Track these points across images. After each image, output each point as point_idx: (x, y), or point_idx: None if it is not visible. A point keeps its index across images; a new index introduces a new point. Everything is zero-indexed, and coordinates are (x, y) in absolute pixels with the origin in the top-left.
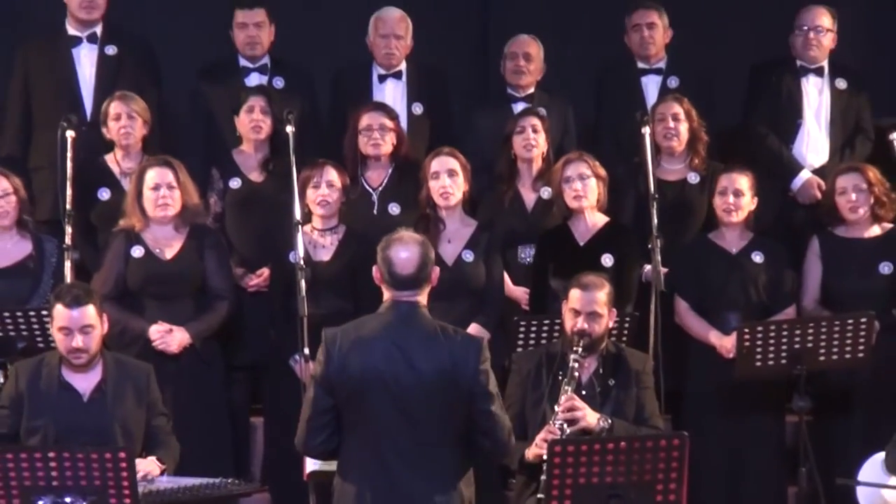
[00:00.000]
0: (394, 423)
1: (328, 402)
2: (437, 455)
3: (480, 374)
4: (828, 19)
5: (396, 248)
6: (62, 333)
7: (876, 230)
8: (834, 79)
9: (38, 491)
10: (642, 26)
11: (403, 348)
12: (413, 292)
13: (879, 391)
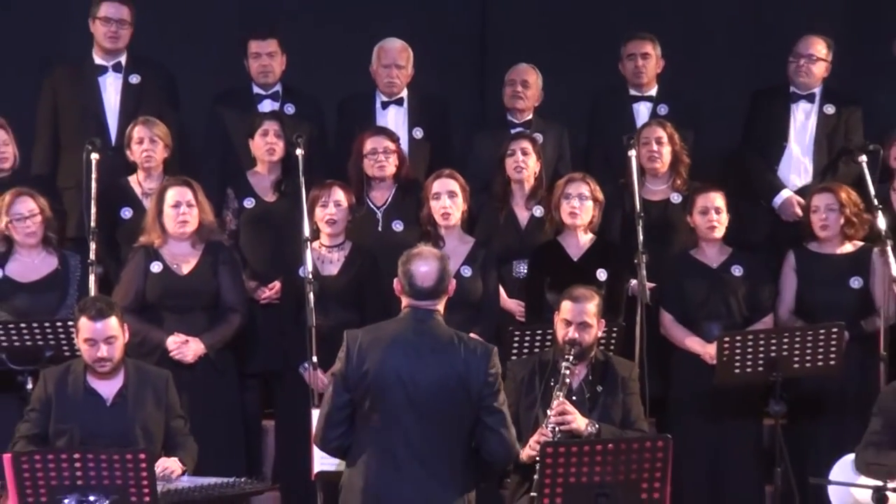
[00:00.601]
0: (406, 421)
1: (346, 399)
2: (445, 453)
3: (490, 377)
4: (822, 48)
5: (417, 262)
6: (87, 344)
7: (848, 247)
8: (823, 104)
9: (64, 490)
10: (637, 55)
11: (420, 351)
12: (432, 302)
13: (848, 396)
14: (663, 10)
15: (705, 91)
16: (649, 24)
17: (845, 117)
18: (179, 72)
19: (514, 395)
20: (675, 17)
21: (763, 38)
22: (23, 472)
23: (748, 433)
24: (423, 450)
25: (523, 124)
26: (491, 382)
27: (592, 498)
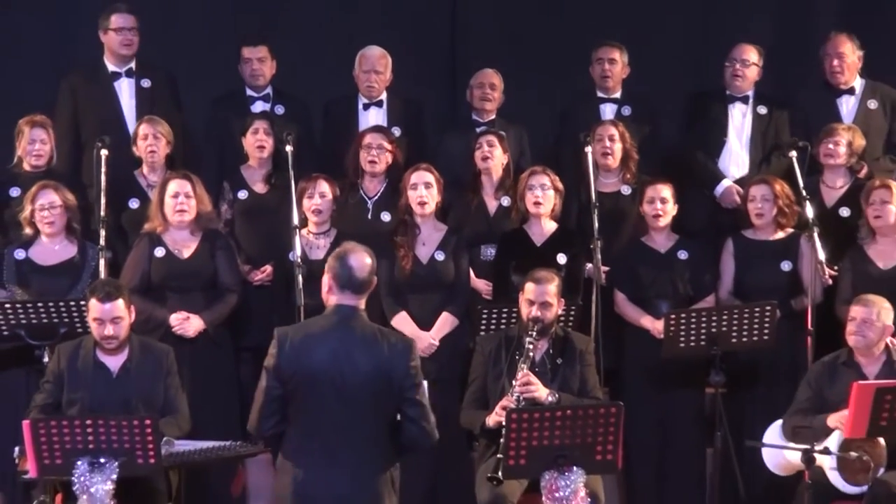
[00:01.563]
0: (334, 411)
1: (278, 392)
2: (370, 440)
3: (411, 370)
4: (754, 54)
5: (352, 256)
6: (96, 323)
7: (780, 234)
8: (756, 105)
9: (77, 453)
10: (605, 60)
11: (345, 346)
12: (357, 297)
13: (780, 368)
14: (619, 19)
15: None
16: (608, 33)
17: (775, 117)
18: (180, 76)
19: (482, 367)
20: (629, 25)
21: (701, 45)
22: (40, 437)
23: (691, 401)
24: (350, 437)
25: (488, 123)
26: (412, 375)
27: (552, 459)
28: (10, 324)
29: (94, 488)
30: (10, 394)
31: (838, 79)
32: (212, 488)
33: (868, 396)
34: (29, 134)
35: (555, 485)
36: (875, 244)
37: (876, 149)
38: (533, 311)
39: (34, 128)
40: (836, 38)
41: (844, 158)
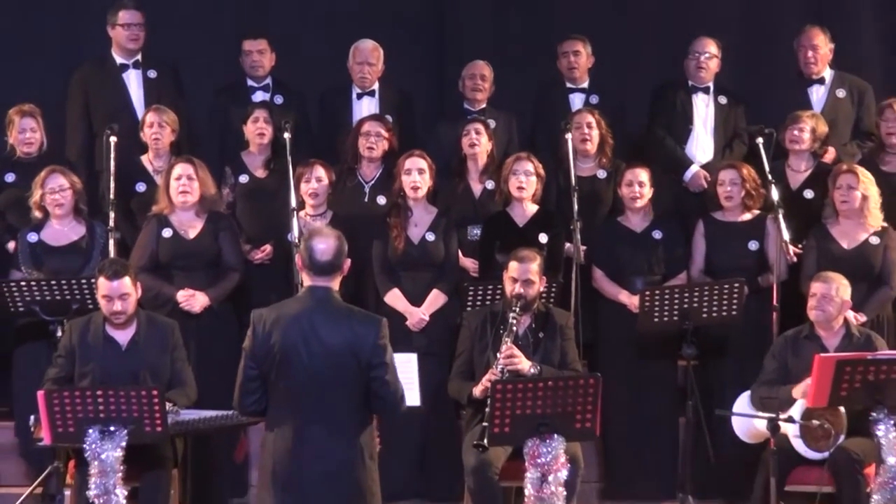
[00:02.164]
0: (307, 387)
1: (255, 371)
2: (342, 413)
3: (378, 347)
4: (714, 48)
5: (317, 239)
6: (105, 300)
7: (747, 216)
8: (717, 96)
9: (88, 421)
10: (570, 53)
11: (315, 326)
12: (328, 278)
13: (748, 341)
14: (595, 14)
15: (628, 82)
16: (584, 27)
17: (734, 107)
18: (185, 68)
19: (468, 341)
20: (603, 20)
21: (666, 38)
22: (54, 406)
23: (665, 372)
24: (322, 411)
25: (479, 112)
26: (379, 351)
27: (535, 427)
28: (26, 300)
29: (105, 455)
30: (32, 366)
31: (811, 69)
32: (216, 455)
33: (829, 368)
34: (19, 123)
35: (537, 451)
36: (838, 225)
37: (844, 135)
38: (516, 288)
39: (24, 117)
40: (810, 31)
41: (808, 144)
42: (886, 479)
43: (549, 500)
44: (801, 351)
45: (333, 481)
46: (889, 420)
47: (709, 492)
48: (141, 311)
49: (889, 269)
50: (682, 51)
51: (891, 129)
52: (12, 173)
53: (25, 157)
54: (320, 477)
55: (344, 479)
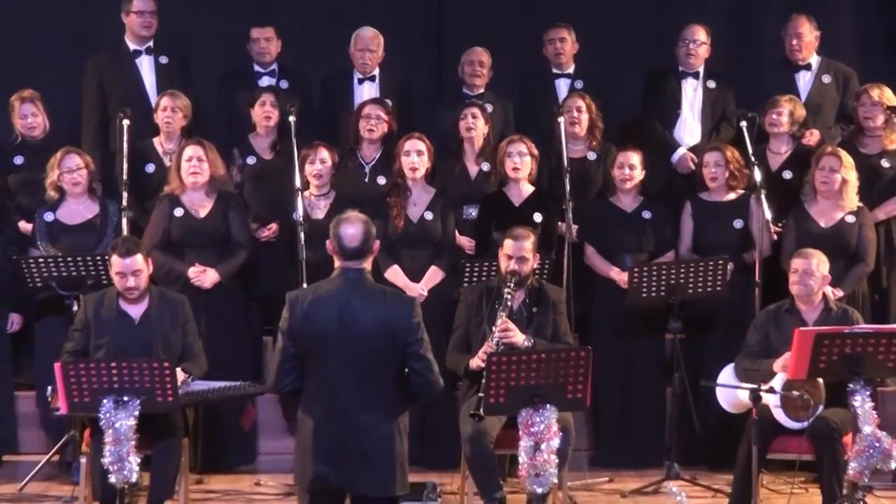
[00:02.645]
0: (344, 366)
1: (292, 351)
2: (378, 391)
3: (413, 325)
4: (703, 35)
5: (345, 226)
6: (118, 276)
7: (732, 196)
8: (707, 81)
9: (102, 392)
10: (555, 40)
11: (351, 306)
12: (358, 261)
13: (732, 316)
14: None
15: (611, 68)
16: (569, 16)
17: (723, 91)
18: (195, 54)
19: (465, 316)
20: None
21: (656, 26)
22: (70, 378)
23: (652, 345)
24: (358, 386)
25: (477, 97)
26: (414, 330)
27: (528, 397)
28: (43, 276)
29: (119, 424)
30: (50, 339)
31: (797, 56)
32: (225, 424)
33: (808, 341)
34: (20, 109)
35: (530, 420)
36: (816, 204)
37: (829, 119)
38: (511, 264)
39: (24, 103)
40: (797, 19)
41: (787, 127)
42: (863, 448)
43: (541, 467)
44: (782, 324)
45: (372, 456)
46: (865, 391)
47: (694, 460)
48: (153, 286)
49: (864, 247)
50: (665, 36)
51: (867, 113)
52: (21, 156)
53: (31, 140)
54: (360, 452)
55: (382, 454)
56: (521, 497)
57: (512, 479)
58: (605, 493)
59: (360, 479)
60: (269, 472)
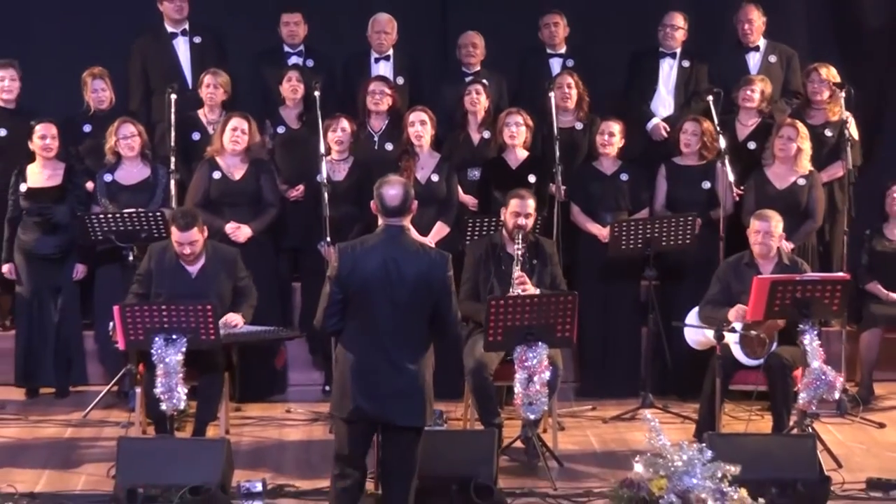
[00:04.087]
0: (384, 310)
1: (339, 296)
2: (411, 333)
3: (447, 278)
4: (681, 20)
5: (387, 187)
6: (177, 244)
7: (702, 161)
8: (682, 60)
9: (155, 331)
10: (550, 24)
11: (394, 258)
12: (399, 219)
13: (699, 265)
14: None
15: (599, 48)
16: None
17: (696, 69)
18: (232, 35)
19: (472, 269)
20: None
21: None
22: (126, 318)
23: (630, 291)
24: (396, 329)
25: (473, 74)
26: (447, 283)
27: (523, 336)
28: (104, 230)
29: (168, 358)
30: (109, 285)
31: (748, 39)
32: (260, 361)
33: (765, 288)
34: (91, 84)
35: (524, 356)
36: (773, 168)
37: (775, 93)
38: (519, 220)
39: (94, 79)
40: (747, 7)
41: (757, 103)
42: (811, 380)
43: (534, 397)
44: (741, 275)
45: (405, 390)
46: (813, 331)
47: (666, 390)
48: (208, 243)
49: (813, 206)
50: (648, 20)
51: (815, 89)
52: (89, 125)
53: (99, 111)
54: (395, 386)
55: (413, 388)
56: (516, 423)
57: (508, 407)
58: (589, 419)
59: (392, 411)
60: (297, 402)
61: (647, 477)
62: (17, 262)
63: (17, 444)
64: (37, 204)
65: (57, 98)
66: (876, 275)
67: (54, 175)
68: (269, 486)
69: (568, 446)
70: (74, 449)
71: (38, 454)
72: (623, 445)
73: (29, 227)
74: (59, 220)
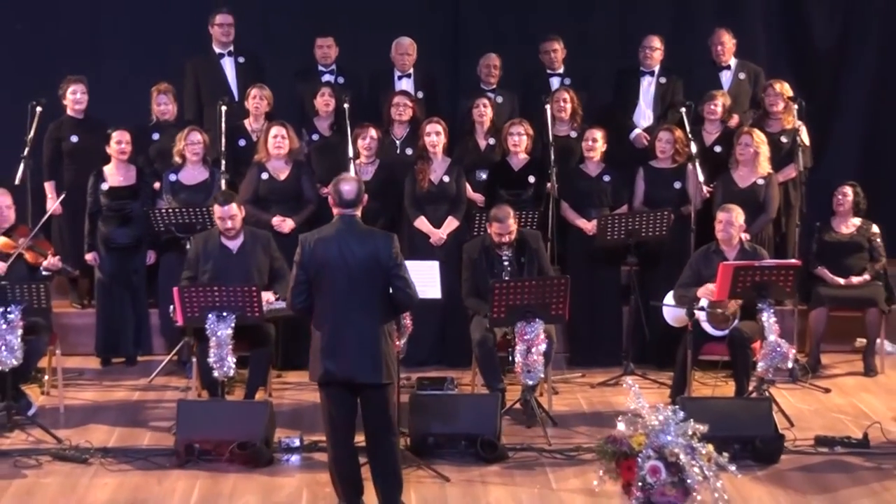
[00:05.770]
0: (343, 288)
1: (303, 277)
2: (368, 304)
3: (393, 254)
4: (658, 42)
5: (343, 183)
6: (219, 220)
7: (675, 164)
8: (659, 77)
9: (208, 309)
10: (549, 50)
11: (348, 242)
12: (352, 210)
13: (673, 253)
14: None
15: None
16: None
17: (672, 85)
18: (274, 56)
19: (470, 269)
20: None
21: (623, 36)
22: (184, 298)
23: (614, 275)
24: (354, 302)
25: (491, 91)
26: (394, 257)
27: (522, 313)
28: (166, 223)
29: (220, 332)
30: (171, 270)
31: (721, 59)
32: (298, 333)
33: (729, 272)
34: (156, 98)
35: (524, 331)
36: (737, 170)
37: (744, 105)
38: (502, 238)
39: (160, 94)
40: (719, 31)
41: (720, 114)
42: (767, 351)
43: (532, 365)
44: (709, 261)
45: (364, 349)
46: (770, 309)
47: (645, 360)
48: (246, 227)
49: (769, 202)
50: (629, 46)
51: (772, 101)
52: (157, 133)
53: (165, 121)
54: (356, 347)
55: (372, 350)
56: (516, 388)
57: (510, 374)
58: (579, 384)
59: (355, 370)
60: None
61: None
62: (99, 251)
63: (92, 405)
64: (114, 201)
65: (120, 109)
66: (823, 261)
67: (128, 175)
68: (305, 442)
69: (561, 408)
70: (141, 410)
71: (110, 414)
72: (608, 407)
73: (107, 221)
74: (132, 214)
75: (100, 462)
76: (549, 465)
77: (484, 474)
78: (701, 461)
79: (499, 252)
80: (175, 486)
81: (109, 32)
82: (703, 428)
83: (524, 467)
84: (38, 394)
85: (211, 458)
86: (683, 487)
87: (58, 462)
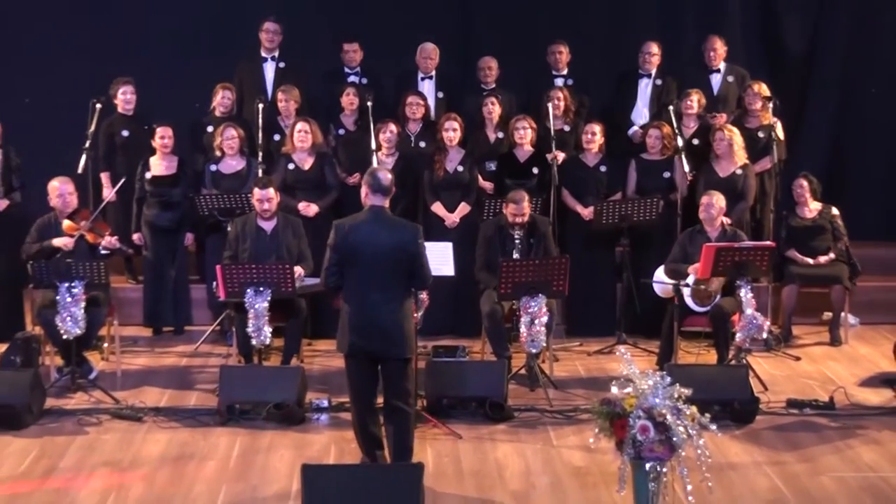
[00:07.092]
0: (371, 269)
1: (336, 259)
2: (393, 286)
3: (418, 245)
4: (656, 48)
5: (381, 173)
6: (258, 202)
7: (663, 157)
8: (656, 79)
9: (247, 284)
10: (555, 52)
11: (377, 230)
12: (384, 199)
13: (662, 236)
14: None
15: (593, 70)
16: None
17: (667, 86)
18: (308, 59)
19: (484, 246)
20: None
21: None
22: (225, 275)
23: (608, 255)
24: (380, 284)
25: (489, 90)
26: (418, 247)
27: (527, 289)
28: (210, 207)
29: (258, 306)
30: (214, 249)
31: (712, 63)
32: (326, 306)
33: (712, 252)
34: (221, 94)
35: (528, 304)
36: (718, 162)
37: (732, 105)
38: (516, 219)
39: (224, 90)
40: (712, 38)
41: (696, 110)
42: (745, 324)
43: (535, 335)
44: (695, 241)
45: (387, 326)
46: (747, 286)
47: (635, 331)
48: (279, 212)
49: (746, 190)
50: (628, 50)
51: (750, 100)
52: (211, 125)
53: (222, 116)
54: (380, 324)
55: (394, 327)
56: (521, 355)
57: (515, 344)
58: (577, 353)
59: (379, 345)
60: None
61: (621, 397)
62: (144, 232)
63: (145, 370)
64: (157, 188)
65: (164, 105)
66: (793, 244)
67: (170, 166)
68: (333, 403)
69: (561, 373)
70: (188, 374)
71: (160, 378)
72: (603, 373)
73: (151, 206)
74: (174, 200)
75: (152, 420)
76: (551, 425)
77: (492, 432)
78: (685, 421)
79: (511, 232)
80: (218, 442)
81: (156, 36)
82: (688, 391)
83: (528, 426)
84: (98, 359)
85: (250, 416)
86: (670, 444)
87: (115, 420)
